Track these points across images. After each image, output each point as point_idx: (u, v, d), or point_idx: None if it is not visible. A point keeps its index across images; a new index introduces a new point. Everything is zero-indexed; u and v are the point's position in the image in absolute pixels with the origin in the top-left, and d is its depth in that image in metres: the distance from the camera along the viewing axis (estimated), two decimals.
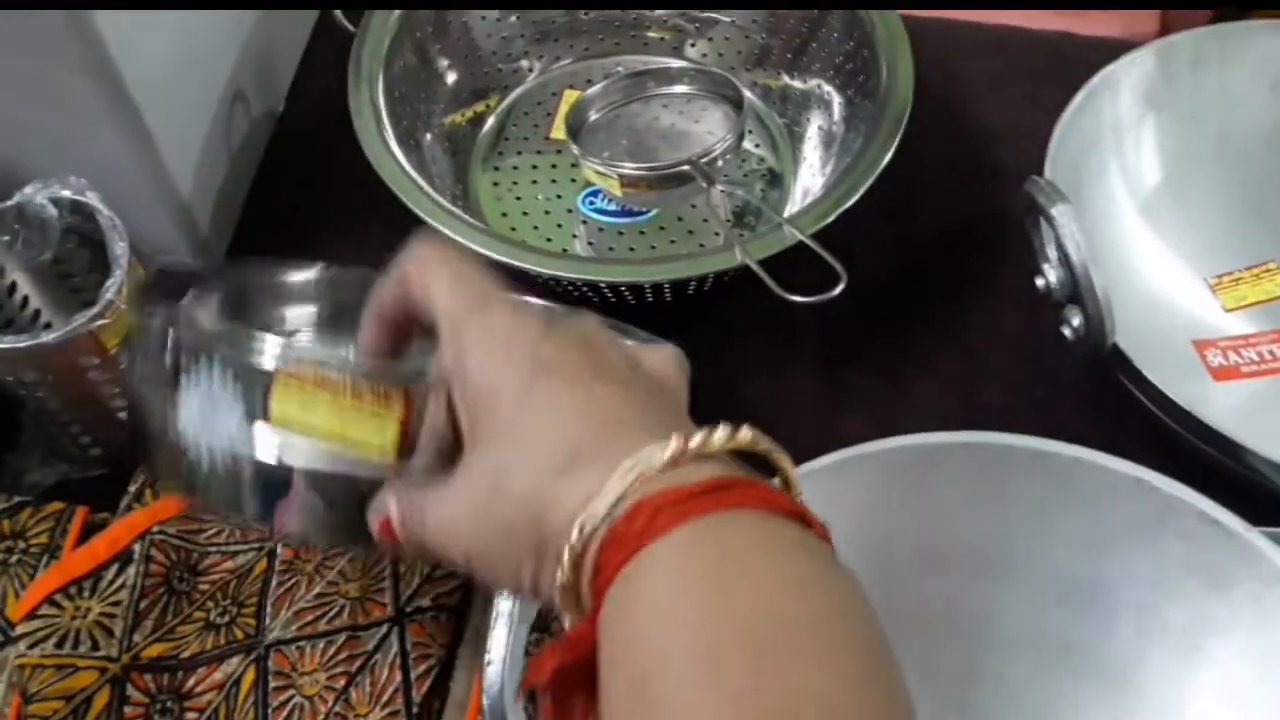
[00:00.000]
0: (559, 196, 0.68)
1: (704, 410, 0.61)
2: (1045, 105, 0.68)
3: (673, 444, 0.30)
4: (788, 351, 0.64)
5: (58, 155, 0.54)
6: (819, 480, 0.47)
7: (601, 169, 0.62)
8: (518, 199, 0.68)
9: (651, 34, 0.72)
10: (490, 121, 0.70)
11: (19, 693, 0.46)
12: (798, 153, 0.68)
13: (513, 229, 0.66)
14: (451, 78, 0.69)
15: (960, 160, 0.71)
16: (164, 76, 0.56)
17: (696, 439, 0.31)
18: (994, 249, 0.67)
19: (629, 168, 0.62)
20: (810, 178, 0.65)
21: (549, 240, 0.66)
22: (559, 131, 0.69)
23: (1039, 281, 0.54)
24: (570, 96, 0.71)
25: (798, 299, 0.52)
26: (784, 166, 0.68)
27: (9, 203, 0.53)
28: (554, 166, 0.69)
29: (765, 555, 0.29)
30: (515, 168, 0.69)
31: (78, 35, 0.50)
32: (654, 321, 0.57)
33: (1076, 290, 0.49)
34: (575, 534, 0.30)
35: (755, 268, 0.53)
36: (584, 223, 0.67)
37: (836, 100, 0.66)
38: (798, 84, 0.69)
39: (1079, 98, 0.60)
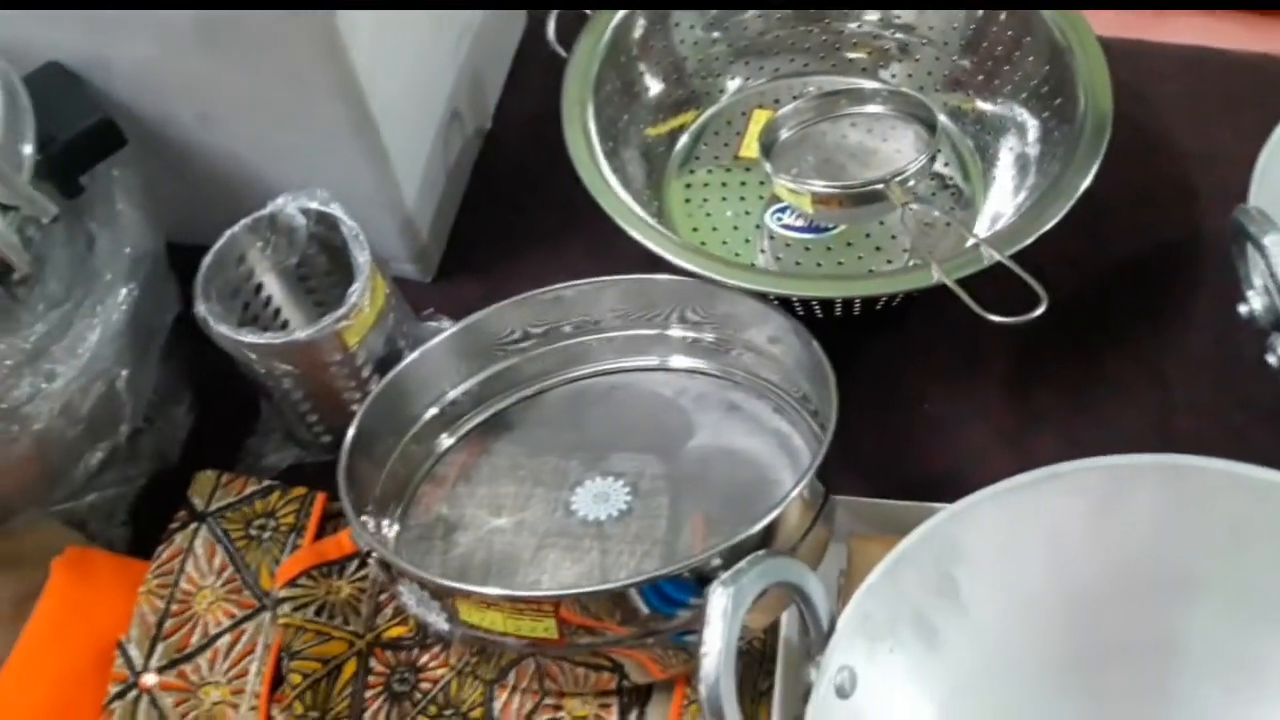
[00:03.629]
0: (747, 213, 0.70)
1: (892, 424, 0.63)
2: (1242, 128, 0.67)
3: None
4: (973, 367, 0.65)
5: (305, 170, 0.60)
6: (1012, 500, 0.49)
7: (794, 187, 0.65)
8: (708, 214, 0.71)
9: (850, 54, 0.74)
10: (684, 139, 0.74)
11: (277, 651, 0.52)
12: (988, 174, 0.69)
13: (702, 242, 0.69)
14: (654, 91, 0.72)
15: (1153, 183, 0.71)
16: (398, 99, 0.61)
17: None
18: (1187, 272, 0.67)
19: (821, 186, 0.64)
20: (1001, 199, 0.66)
21: (737, 255, 0.69)
22: (749, 150, 0.72)
23: (1242, 308, 0.54)
24: (760, 116, 0.73)
25: (997, 319, 0.53)
26: (974, 187, 0.69)
27: (264, 211, 0.59)
28: (743, 184, 0.72)
29: None
30: (706, 184, 0.72)
31: (334, 66, 0.55)
32: (840, 334, 0.59)
33: None
34: None
35: (955, 289, 0.55)
36: (771, 237, 0.69)
37: (1032, 124, 0.66)
38: (991, 106, 0.70)
39: None
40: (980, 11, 0.70)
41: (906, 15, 0.73)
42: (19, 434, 0.51)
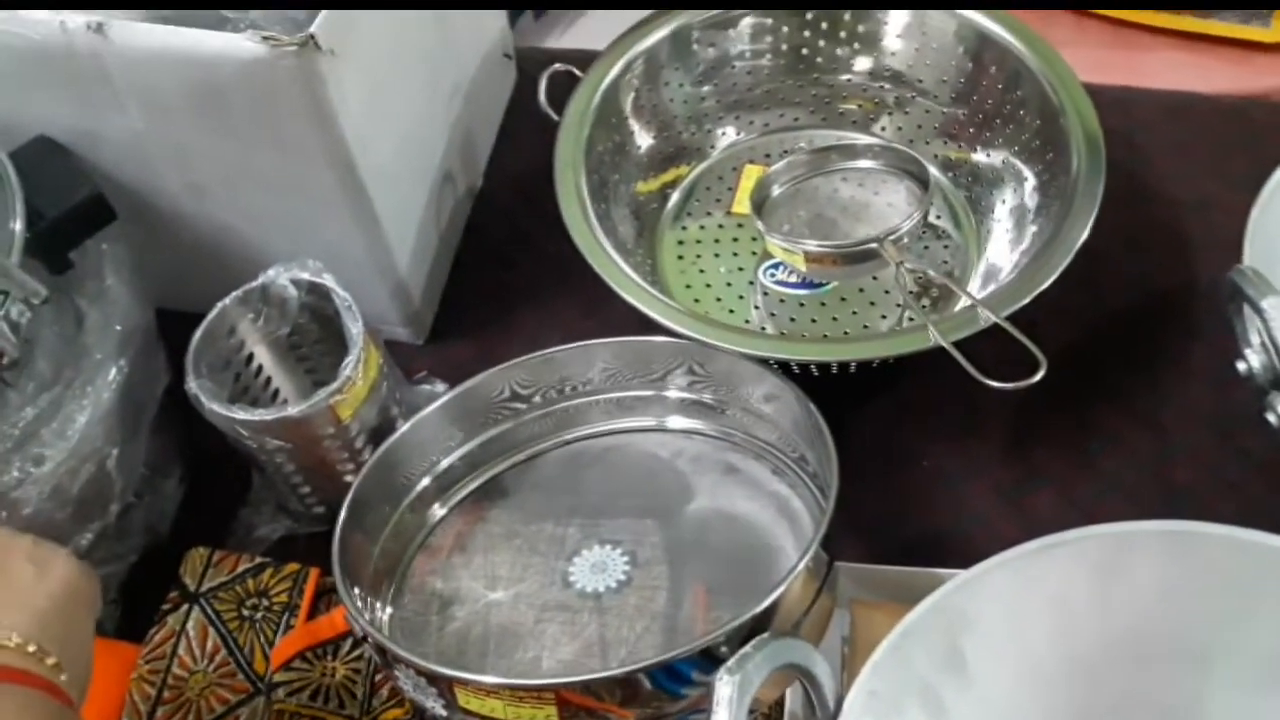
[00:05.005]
0: (740, 269, 0.70)
1: (891, 484, 0.63)
2: (1231, 175, 0.68)
3: None
4: (970, 424, 0.65)
5: (296, 237, 0.60)
6: (1016, 568, 0.48)
7: (787, 246, 0.65)
8: (701, 270, 0.70)
9: (841, 107, 0.74)
10: (676, 195, 0.73)
11: None
12: (982, 227, 0.69)
13: (696, 300, 0.69)
14: (645, 146, 0.72)
15: (1146, 232, 0.71)
16: (389, 163, 0.61)
17: None
18: (1182, 323, 0.67)
19: (814, 245, 0.64)
20: (997, 252, 0.66)
21: (731, 311, 0.68)
22: (741, 206, 0.72)
23: (1240, 365, 0.54)
24: (751, 172, 0.73)
25: (996, 384, 0.53)
26: (967, 238, 0.69)
27: (255, 283, 0.58)
28: (735, 239, 0.71)
29: None
30: (699, 240, 0.72)
31: (324, 134, 0.55)
32: (836, 394, 0.58)
33: None
34: None
35: (953, 352, 0.54)
36: (765, 293, 0.69)
37: (1026, 176, 0.66)
38: (984, 159, 0.70)
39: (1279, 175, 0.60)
40: (970, 64, 0.70)
41: (897, 66, 0.73)
42: (7, 519, 0.50)
